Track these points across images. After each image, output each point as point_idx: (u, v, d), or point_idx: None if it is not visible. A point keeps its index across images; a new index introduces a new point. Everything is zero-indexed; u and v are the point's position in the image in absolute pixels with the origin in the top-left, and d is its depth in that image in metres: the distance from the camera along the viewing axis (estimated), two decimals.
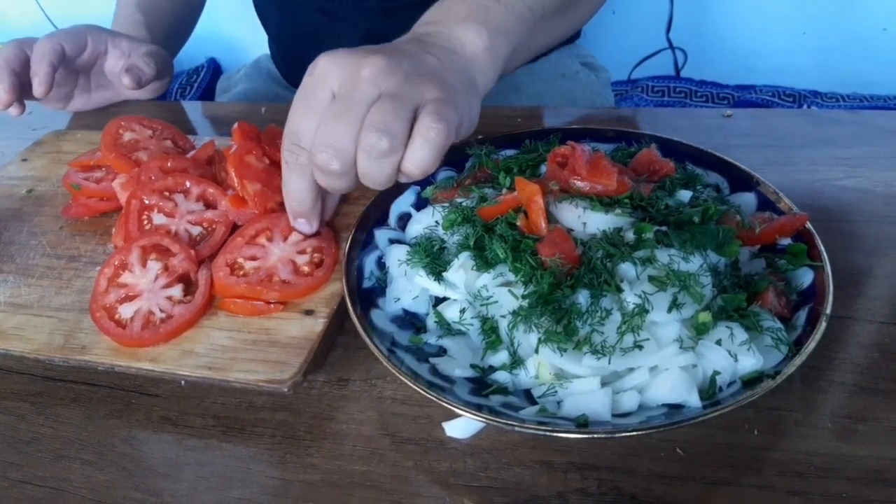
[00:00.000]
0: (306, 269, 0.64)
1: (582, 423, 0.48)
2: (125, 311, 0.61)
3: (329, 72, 0.55)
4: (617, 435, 0.47)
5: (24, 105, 0.88)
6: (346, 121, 0.53)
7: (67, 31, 0.92)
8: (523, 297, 0.54)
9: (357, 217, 0.66)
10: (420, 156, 0.53)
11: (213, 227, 0.69)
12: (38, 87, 0.85)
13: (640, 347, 0.51)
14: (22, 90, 0.87)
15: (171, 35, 1.08)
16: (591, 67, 1.19)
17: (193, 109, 0.98)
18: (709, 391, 0.50)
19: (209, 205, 0.71)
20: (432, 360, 0.55)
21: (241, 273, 0.63)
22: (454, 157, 0.72)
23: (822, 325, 0.51)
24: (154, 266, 0.64)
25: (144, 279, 0.63)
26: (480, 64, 0.61)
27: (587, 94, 1.12)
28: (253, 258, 0.64)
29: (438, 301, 0.60)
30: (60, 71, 0.89)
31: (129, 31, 1.00)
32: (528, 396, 0.53)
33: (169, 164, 0.73)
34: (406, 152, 0.53)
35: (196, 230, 0.69)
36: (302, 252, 0.65)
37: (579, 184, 0.59)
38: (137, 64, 0.92)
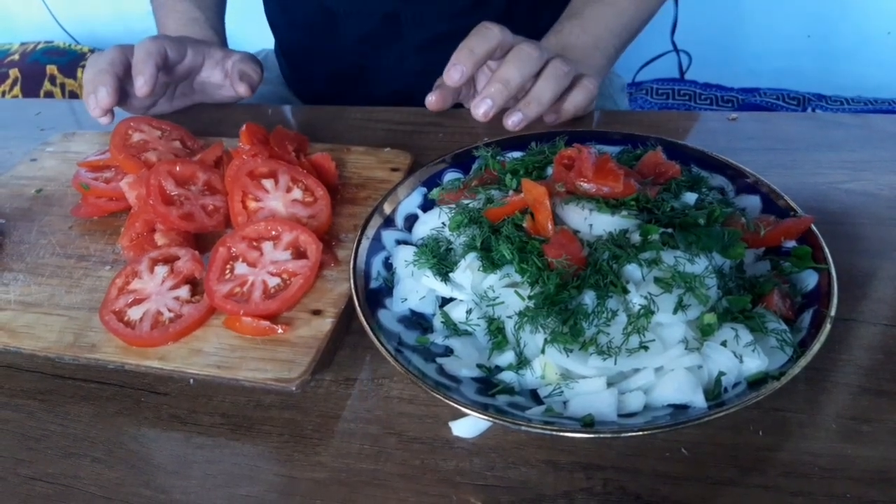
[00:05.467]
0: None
1: (588, 422, 0.49)
2: (133, 313, 0.61)
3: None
4: (622, 435, 0.47)
5: (114, 114, 0.85)
6: None
7: (170, 38, 0.90)
8: (529, 297, 0.55)
9: (364, 218, 0.66)
10: None
11: (291, 279, 0.63)
12: (141, 87, 0.82)
13: (646, 348, 0.51)
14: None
15: (222, 21, 1.07)
16: None
17: (199, 110, 0.98)
18: (714, 392, 0.51)
19: (299, 255, 0.66)
20: (439, 359, 0.55)
21: None
22: (461, 158, 0.73)
23: (827, 326, 0.51)
24: (161, 270, 0.65)
25: (152, 283, 0.64)
26: None
27: (603, 100, 1.13)
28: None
29: (445, 302, 0.61)
30: (160, 75, 0.86)
31: (195, 32, 0.99)
32: (535, 396, 0.53)
33: (178, 168, 0.73)
34: None
35: (273, 281, 0.63)
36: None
37: (585, 186, 0.60)
38: (247, 71, 0.92)
